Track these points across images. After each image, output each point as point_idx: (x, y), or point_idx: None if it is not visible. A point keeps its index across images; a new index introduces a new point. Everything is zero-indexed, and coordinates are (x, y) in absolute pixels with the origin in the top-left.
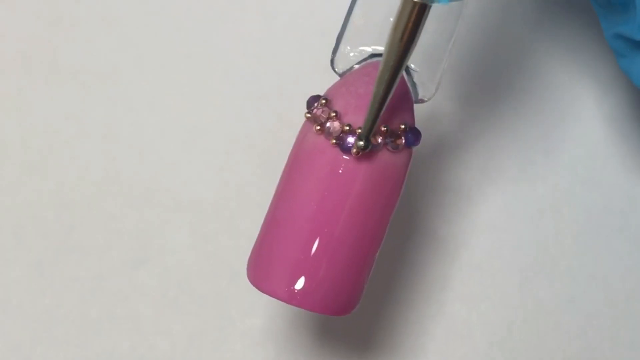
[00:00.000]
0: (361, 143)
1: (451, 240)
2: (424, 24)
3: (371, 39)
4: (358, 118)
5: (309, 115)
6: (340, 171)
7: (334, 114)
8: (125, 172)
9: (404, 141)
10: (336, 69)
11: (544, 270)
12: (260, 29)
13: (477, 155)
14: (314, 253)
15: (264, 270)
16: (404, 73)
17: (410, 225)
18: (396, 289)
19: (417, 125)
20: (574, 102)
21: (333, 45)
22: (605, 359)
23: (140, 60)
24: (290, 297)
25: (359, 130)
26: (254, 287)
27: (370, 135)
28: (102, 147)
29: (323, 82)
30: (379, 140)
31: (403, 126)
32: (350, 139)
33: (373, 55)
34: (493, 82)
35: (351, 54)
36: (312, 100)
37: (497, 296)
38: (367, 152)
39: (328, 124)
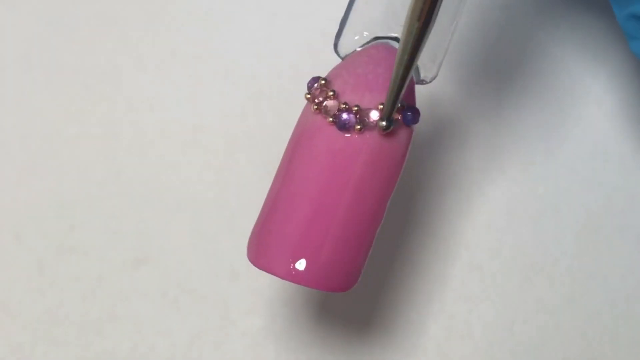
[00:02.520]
0: (383, 123)
1: (451, 239)
2: (440, 5)
3: (374, 23)
4: (355, 97)
5: (308, 95)
6: (338, 149)
7: (331, 93)
8: (126, 172)
9: (401, 118)
10: (339, 53)
11: (544, 270)
12: (260, 28)
13: (477, 156)
14: (312, 230)
15: (263, 248)
16: None
17: (410, 224)
18: (397, 289)
19: (418, 125)
20: (575, 102)
21: (335, 36)
22: (605, 359)
23: (140, 60)
24: (288, 274)
25: (356, 109)
26: (253, 266)
27: (391, 115)
28: (102, 147)
29: None
30: (377, 118)
31: (400, 105)
32: (345, 116)
33: (376, 38)
34: (493, 82)
35: (355, 38)
36: (312, 82)
37: (498, 296)
38: (387, 131)
39: (325, 103)
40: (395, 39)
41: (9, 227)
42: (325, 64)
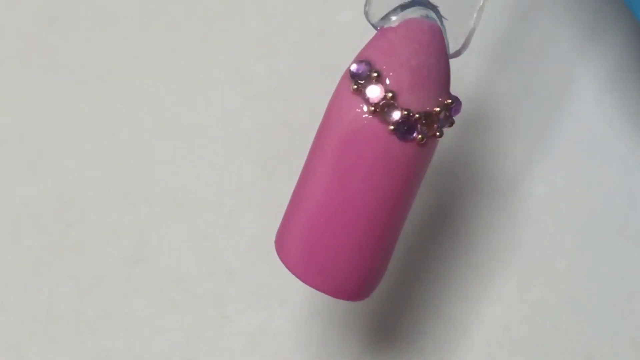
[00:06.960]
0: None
1: (451, 240)
2: None
3: None
4: (412, 97)
5: (356, 87)
6: (392, 155)
7: (390, 95)
8: (124, 171)
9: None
10: (372, 23)
11: (543, 270)
12: (260, 28)
13: (476, 155)
14: (335, 236)
15: (287, 245)
16: (440, 25)
17: (409, 225)
18: (395, 289)
19: None
20: (574, 101)
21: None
22: (605, 359)
23: (139, 59)
24: (308, 278)
25: (417, 116)
26: (279, 261)
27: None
28: (101, 146)
29: (323, 82)
30: (435, 126)
31: (450, 100)
32: (410, 129)
33: (413, 2)
34: (492, 81)
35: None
36: (360, 68)
37: (497, 296)
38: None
39: (391, 114)
40: (435, 9)
41: (6, 225)
42: (325, 64)
